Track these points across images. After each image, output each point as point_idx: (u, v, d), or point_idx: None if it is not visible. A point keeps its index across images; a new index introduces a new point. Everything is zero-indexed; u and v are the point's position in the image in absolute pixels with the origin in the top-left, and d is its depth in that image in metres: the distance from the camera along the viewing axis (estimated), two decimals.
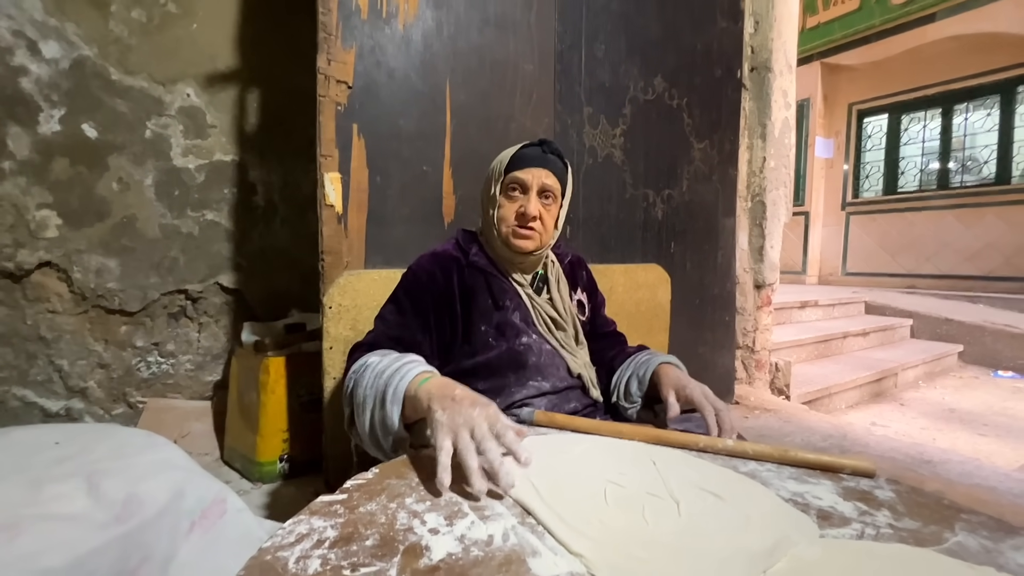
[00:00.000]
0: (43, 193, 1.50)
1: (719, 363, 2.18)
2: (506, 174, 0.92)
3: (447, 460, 0.57)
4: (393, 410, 0.69)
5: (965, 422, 2.60)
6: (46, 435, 0.92)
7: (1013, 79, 4.76)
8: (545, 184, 0.91)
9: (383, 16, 1.30)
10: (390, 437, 0.72)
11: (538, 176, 0.90)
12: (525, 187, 0.90)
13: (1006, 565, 0.49)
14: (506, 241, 0.92)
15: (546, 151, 0.92)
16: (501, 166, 0.93)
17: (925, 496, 0.64)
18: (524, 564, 0.46)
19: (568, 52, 1.64)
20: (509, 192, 0.92)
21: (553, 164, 0.92)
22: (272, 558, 0.45)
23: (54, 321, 1.55)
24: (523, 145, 0.93)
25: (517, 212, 0.90)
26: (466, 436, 0.58)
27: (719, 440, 0.73)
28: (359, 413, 0.74)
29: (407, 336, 0.85)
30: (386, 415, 0.70)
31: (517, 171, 0.91)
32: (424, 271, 0.92)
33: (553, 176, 0.92)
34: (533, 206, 0.89)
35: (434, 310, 0.89)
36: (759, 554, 0.49)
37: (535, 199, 0.90)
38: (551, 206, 0.93)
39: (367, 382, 0.73)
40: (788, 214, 2.51)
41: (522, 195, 0.91)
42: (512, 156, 0.92)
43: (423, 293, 0.90)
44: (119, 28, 1.57)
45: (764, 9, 2.35)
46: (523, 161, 0.91)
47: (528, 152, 0.92)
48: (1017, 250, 4.68)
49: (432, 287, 0.90)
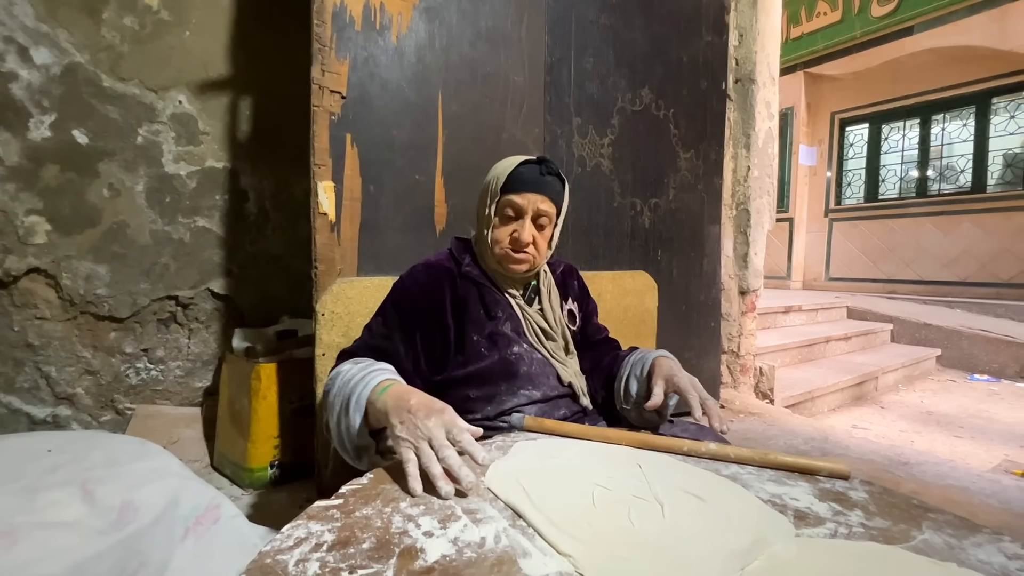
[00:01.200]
0: (32, 199, 1.49)
1: (705, 368, 2.22)
2: (501, 194, 0.90)
3: (415, 470, 0.61)
4: (355, 417, 0.71)
5: (942, 424, 2.67)
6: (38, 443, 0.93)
7: (987, 91, 4.91)
8: (540, 210, 0.89)
9: (377, 28, 1.32)
10: (353, 444, 0.74)
11: (533, 202, 0.88)
12: (520, 212, 0.89)
13: (967, 561, 0.52)
14: (500, 262, 0.93)
15: (543, 172, 0.89)
16: (497, 185, 0.90)
17: (896, 496, 0.67)
18: (515, 564, 0.48)
19: (558, 64, 1.67)
20: (504, 212, 0.90)
21: (550, 187, 0.90)
22: (272, 561, 0.47)
23: (42, 328, 1.54)
24: (521, 162, 0.90)
25: (511, 237, 0.89)
26: (426, 447, 0.62)
27: (702, 444, 0.76)
28: (330, 418, 0.76)
29: (387, 347, 0.87)
30: (350, 422, 0.72)
31: (512, 194, 0.88)
32: (416, 284, 0.92)
33: (549, 201, 0.90)
34: (527, 233, 0.88)
35: (421, 326, 0.90)
36: (737, 553, 0.52)
37: (529, 225, 0.89)
38: (546, 229, 0.92)
39: (335, 390, 0.76)
40: (771, 222, 2.58)
41: (516, 219, 0.90)
42: (508, 175, 0.89)
43: (411, 308, 0.90)
44: (111, 35, 1.57)
45: (748, 23, 2.41)
46: (519, 183, 0.88)
47: (525, 174, 0.89)
48: (992, 257, 4.81)
49: (421, 303, 0.90)
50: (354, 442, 0.73)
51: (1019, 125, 4.78)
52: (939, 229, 5.18)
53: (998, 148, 4.92)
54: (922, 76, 5.26)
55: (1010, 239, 4.70)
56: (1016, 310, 4.28)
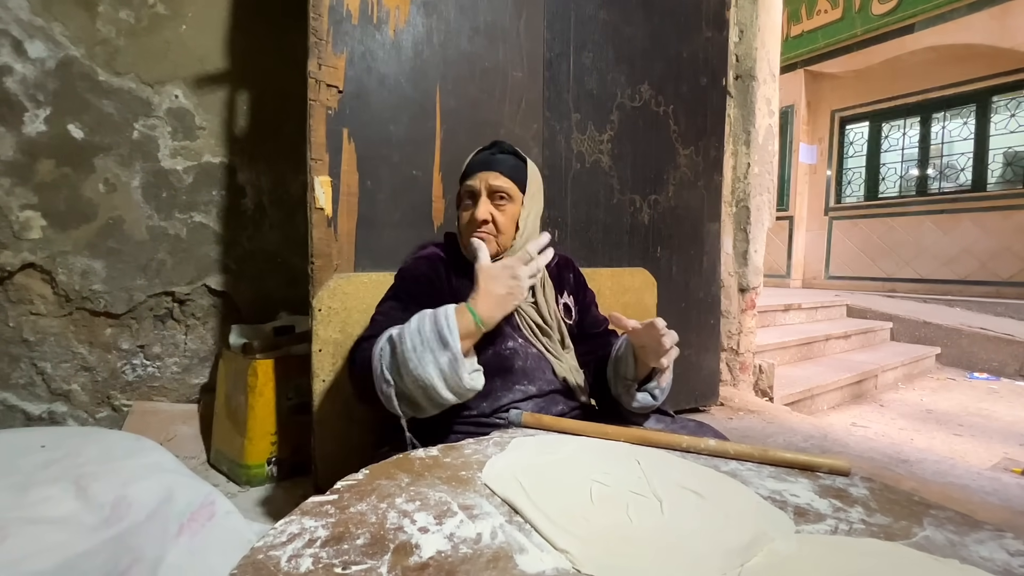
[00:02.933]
0: (27, 194, 1.48)
1: (704, 365, 2.22)
2: (460, 185, 0.95)
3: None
4: (455, 343, 0.74)
5: (942, 422, 2.67)
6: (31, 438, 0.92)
7: (988, 89, 4.90)
8: (493, 186, 0.91)
9: (374, 22, 1.31)
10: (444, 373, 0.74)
11: (484, 179, 0.91)
12: (475, 194, 0.92)
13: (969, 558, 0.51)
14: (466, 249, 0.94)
15: (495, 152, 0.93)
16: (460, 177, 0.96)
17: (897, 493, 0.66)
18: (511, 560, 0.47)
19: (557, 60, 1.66)
20: (465, 201, 0.94)
21: (501, 164, 0.92)
22: (264, 557, 0.46)
23: (37, 323, 1.53)
24: (477, 151, 0.95)
25: (470, 218, 0.92)
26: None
27: (701, 440, 0.75)
28: (422, 374, 0.74)
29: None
30: (451, 351, 0.74)
31: (467, 179, 0.93)
32: (420, 271, 0.94)
33: (503, 176, 0.91)
34: (482, 209, 0.90)
35: (431, 303, 0.89)
36: (737, 549, 0.51)
37: (484, 203, 0.91)
38: (505, 206, 0.92)
39: (408, 342, 0.75)
40: (771, 219, 2.57)
41: (473, 202, 0.92)
42: (465, 167, 0.94)
43: (421, 288, 0.91)
44: (107, 29, 1.56)
45: (748, 19, 2.40)
46: (472, 168, 0.93)
47: (478, 158, 0.94)
48: (992, 255, 4.81)
49: (428, 284, 0.92)
50: (459, 369, 0.74)
51: (1020, 123, 4.77)
52: (939, 227, 5.17)
53: (998, 146, 4.91)
54: (922, 74, 5.25)
55: (1010, 237, 4.69)
56: (1016, 308, 4.27)
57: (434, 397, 0.75)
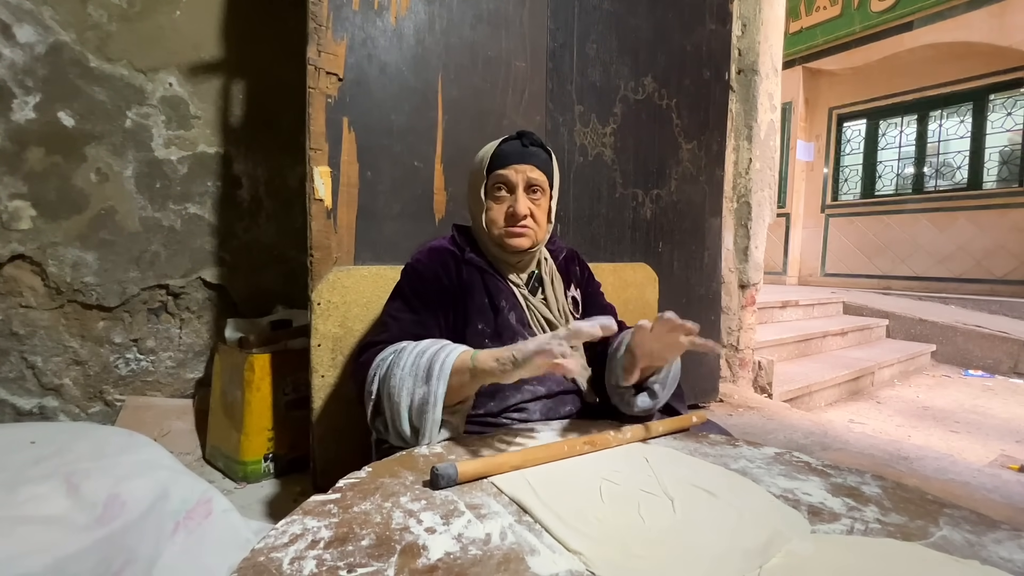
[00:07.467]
0: (16, 183, 1.44)
1: (704, 361, 2.21)
2: (489, 175, 0.89)
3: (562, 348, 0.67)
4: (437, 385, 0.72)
5: (938, 419, 2.68)
6: (20, 434, 0.89)
7: (986, 87, 4.91)
8: (531, 179, 0.88)
9: (375, 8, 1.28)
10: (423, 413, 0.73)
11: (523, 172, 0.88)
12: (511, 186, 0.88)
13: (989, 559, 0.50)
14: (499, 243, 0.90)
15: (527, 144, 0.89)
16: (483, 166, 0.90)
17: (910, 492, 0.65)
18: (523, 562, 0.46)
19: (560, 50, 1.64)
20: (495, 193, 0.89)
21: (536, 157, 0.89)
22: (266, 559, 0.44)
23: (27, 316, 1.49)
24: (501, 141, 0.90)
25: (507, 213, 0.88)
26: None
27: (616, 433, 0.77)
28: (393, 392, 0.74)
29: (426, 334, 0.83)
30: (429, 390, 0.72)
31: (500, 169, 0.88)
32: (426, 267, 0.90)
33: (538, 170, 0.89)
34: (522, 204, 0.87)
35: (441, 306, 0.88)
36: (754, 550, 0.50)
37: (523, 196, 0.87)
38: (540, 200, 0.90)
39: (403, 368, 0.74)
40: (773, 215, 2.56)
41: (509, 194, 0.89)
42: (492, 154, 0.89)
43: (430, 289, 0.88)
44: (98, 13, 1.52)
45: (752, 12, 2.38)
46: (505, 158, 0.88)
47: (508, 148, 0.89)
48: (987, 253, 4.84)
49: (437, 283, 0.89)
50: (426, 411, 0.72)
51: (1016, 122, 4.78)
52: (935, 225, 5.19)
53: (995, 145, 4.93)
54: (920, 72, 5.25)
55: (1005, 236, 4.72)
56: (1010, 306, 4.30)
57: (396, 421, 0.75)
